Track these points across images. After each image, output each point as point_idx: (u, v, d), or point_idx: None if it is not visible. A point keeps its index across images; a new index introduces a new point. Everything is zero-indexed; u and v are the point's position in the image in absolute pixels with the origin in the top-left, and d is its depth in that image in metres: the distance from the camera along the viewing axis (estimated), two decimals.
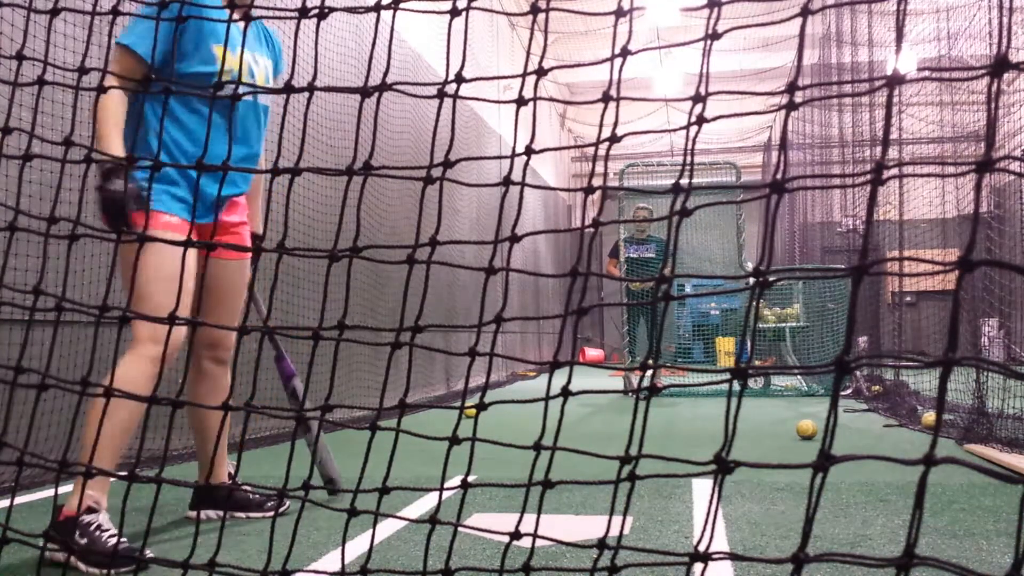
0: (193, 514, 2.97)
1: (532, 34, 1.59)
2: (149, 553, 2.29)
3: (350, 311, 1.56)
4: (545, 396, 1.45)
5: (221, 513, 2.85)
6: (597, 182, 1.53)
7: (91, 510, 2.36)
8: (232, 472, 2.95)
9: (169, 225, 2.61)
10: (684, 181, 1.37)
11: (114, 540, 2.33)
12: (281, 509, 2.95)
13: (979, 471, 0.99)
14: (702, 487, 3.44)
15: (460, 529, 1.58)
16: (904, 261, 2.24)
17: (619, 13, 1.48)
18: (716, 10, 1.34)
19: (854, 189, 9.17)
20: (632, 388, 8.55)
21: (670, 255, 1.41)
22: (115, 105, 2.49)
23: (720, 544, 2.54)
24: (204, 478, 2.89)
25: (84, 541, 2.31)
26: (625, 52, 1.46)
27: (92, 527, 2.33)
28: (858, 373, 7.98)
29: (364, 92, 1.59)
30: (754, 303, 1.23)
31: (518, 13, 1.78)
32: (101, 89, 1.78)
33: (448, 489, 1.62)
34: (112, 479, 2.68)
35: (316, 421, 2.46)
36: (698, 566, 1.25)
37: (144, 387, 2.40)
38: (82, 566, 2.28)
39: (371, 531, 1.73)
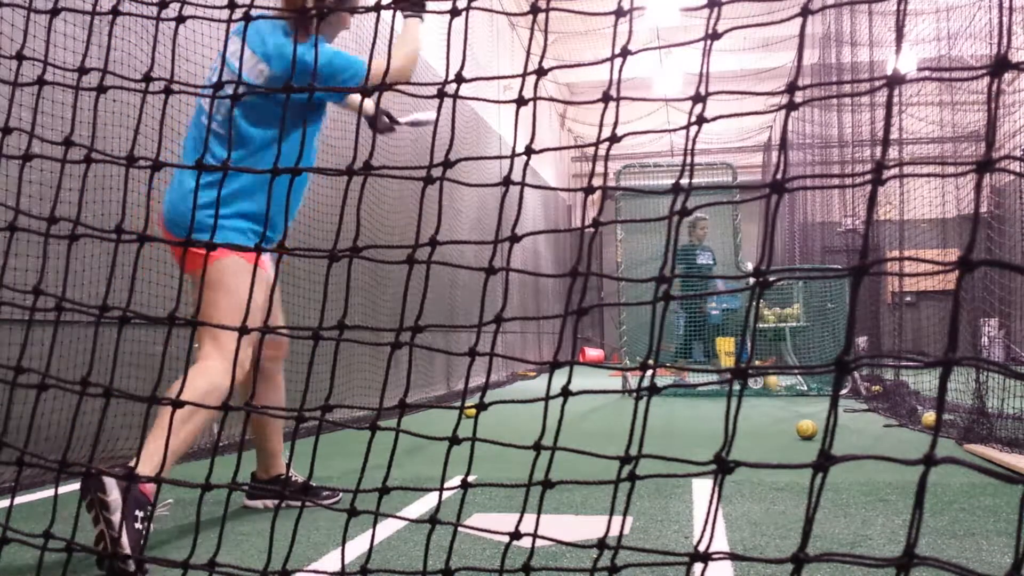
0: (252, 503, 3.17)
1: (532, 34, 1.59)
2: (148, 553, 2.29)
3: (350, 311, 1.56)
4: (545, 396, 1.45)
5: (272, 503, 3.13)
6: (597, 182, 1.54)
7: (151, 504, 2.34)
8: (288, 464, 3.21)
9: (249, 256, 2.72)
10: (684, 181, 1.37)
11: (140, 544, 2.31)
12: (333, 501, 3.20)
13: (979, 471, 0.99)
14: (702, 487, 3.44)
15: (460, 529, 1.58)
16: (904, 261, 2.24)
17: (619, 13, 1.48)
18: (716, 10, 1.34)
19: (854, 189, 9.17)
20: (632, 388, 8.56)
21: (670, 255, 1.41)
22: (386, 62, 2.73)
23: (720, 544, 2.54)
24: (262, 469, 3.17)
25: (139, 527, 2.24)
26: (625, 52, 1.46)
27: (145, 520, 2.29)
28: (856, 373, 7.98)
29: (364, 92, 1.59)
30: (754, 303, 1.23)
31: (518, 13, 1.78)
32: (101, 89, 1.78)
33: (448, 489, 1.62)
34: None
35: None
36: (698, 566, 1.25)
37: (217, 399, 2.53)
38: (126, 542, 2.19)
39: (371, 531, 1.73)
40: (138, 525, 2.27)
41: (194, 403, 1.68)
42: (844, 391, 8.03)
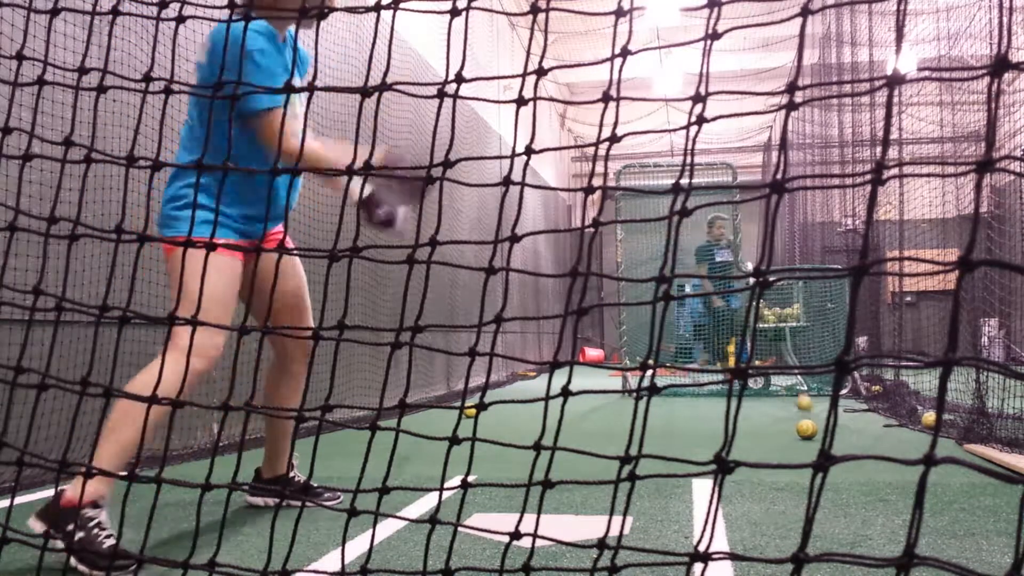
0: (254, 500, 3.19)
1: (532, 34, 1.59)
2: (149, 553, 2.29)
3: (350, 311, 1.56)
4: (545, 396, 1.45)
5: (274, 501, 3.11)
6: (597, 182, 1.54)
7: (95, 505, 2.34)
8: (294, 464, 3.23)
9: (226, 247, 2.68)
10: (684, 181, 1.37)
11: (110, 541, 2.32)
12: (335, 502, 3.19)
13: (979, 471, 0.99)
14: (702, 487, 3.44)
15: (460, 529, 1.58)
16: (904, 261, 2.24)
17: (619, 13, 1.48)
18: (716, 10, 1.34)
19: (854, 189, 9.17)
20: (632, 388, 8.57)
21: (670, 255, 1.41)
22: (316, 147, 2.62)
23: (720, 544, 2.54)
24: (268, 468, 3.17)
25: (80, 535, 2.28)
26: (625, 52, 1.45)
27: (92, 523, 2.31)
28: (856, 373, 7.98)
29: (364, 92, 1.59)
30: (754, 303, 1.23)
31: (518, 13, 1.78)
32: (101, 89, 1.78)
33: (448, 489, 1.62)
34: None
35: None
36: (698, 566, 1.25)
37: (173, 392, 2.45)
38: (72, 561, 2.25)
39: (371, 531, 1.73)
40: (81, 534, 2.30)
41: (196, 403, 1.68)
42: (844, 391, 8.03)
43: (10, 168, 3.46)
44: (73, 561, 2.25)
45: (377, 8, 1.63)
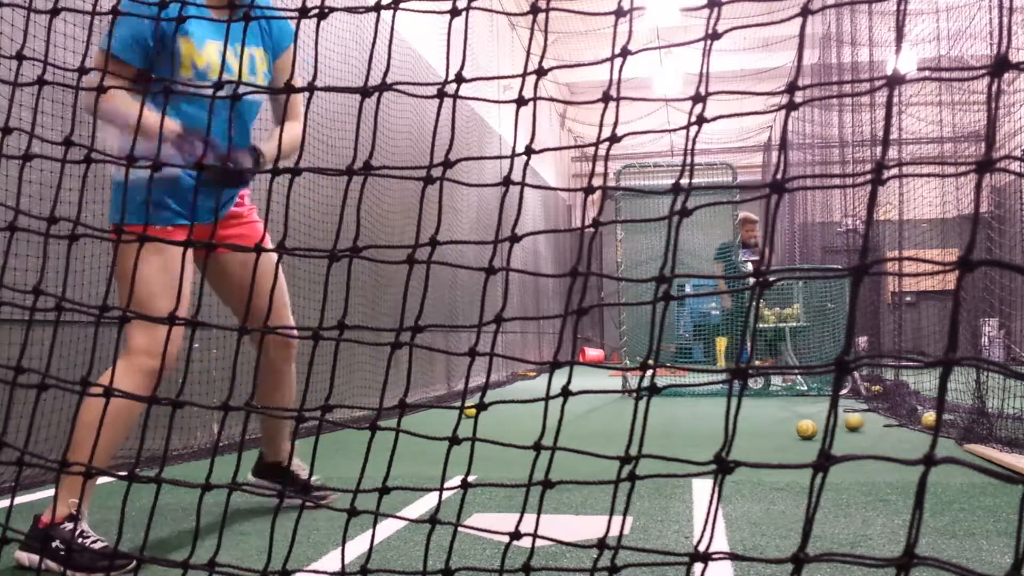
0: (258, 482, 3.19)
1: (532, 34, 1.59)
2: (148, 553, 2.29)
3: (350, 311, 1.56)
4: (545, 396, 1.45)
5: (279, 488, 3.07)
6: (597, 182, 1.54)
7: (71, 518, 2.31)
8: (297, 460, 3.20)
9: (163, 234, 2.54)
10: (684, 181, 1.37)
11: (99, 544, 2.31)
12: (326, 501, 3.16)
13: (979, 471, 0.99)
14: (702, 487, 3.44)
15: (460, 529, 1.58)
16: (904, 261, 2.24)
17: (619, 13, 1.48)
18: (716, 10, 1.34)
19: (854, 189, 9.17)
20: (631, 388, 8.57)
21: (670, 255, 1.41)
22: (125, 97, 2.41)
23: (720, 544, 2.54)
24: (270, 452, 3.15)
25: (68, 547, 2.26)
26: (625, 52, 1.45)
27: (76, 534, 2.29)
28: (856, 373, 7.98)
29: (364, 92, 1.59)
30: (754, 303, 1.23)
31: (518, 13, 1.78)
32: (101, 89, 1.78)
33: (448, 489, 1.62)
34: (110, 480, 2.69)
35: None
36: (698, 566, 1.25)
37: (134, 402, 2.33)
38: (68, 573, 2.25)
39: (371, 531, 1.73)
40: (82, 541, 2.29)
41: (196, 403, 1.68)
42: (844, 391, 8.03)
43: (10, 168, 3.46)
44: (69, 573, 2.25)
45: (377, 8, 1.63)
